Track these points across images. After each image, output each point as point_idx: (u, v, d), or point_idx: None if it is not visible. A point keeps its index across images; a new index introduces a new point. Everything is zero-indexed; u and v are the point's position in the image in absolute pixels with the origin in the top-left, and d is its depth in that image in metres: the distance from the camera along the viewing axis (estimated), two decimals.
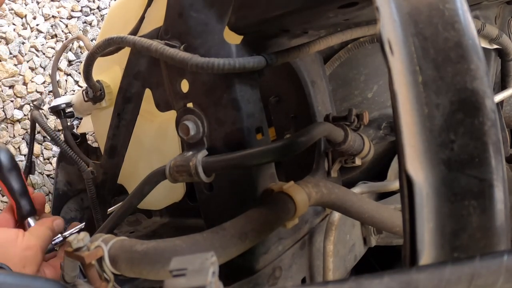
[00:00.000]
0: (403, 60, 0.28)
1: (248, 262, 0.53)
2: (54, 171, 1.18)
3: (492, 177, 0.26)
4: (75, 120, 1.18)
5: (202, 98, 0.53)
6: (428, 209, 0.26)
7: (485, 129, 0.27)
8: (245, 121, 0.51)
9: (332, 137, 0.56)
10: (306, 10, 0.44)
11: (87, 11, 1.39)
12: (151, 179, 0.56)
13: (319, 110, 0.67)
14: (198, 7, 0.51)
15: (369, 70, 0.79)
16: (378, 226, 0.58)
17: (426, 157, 0.27)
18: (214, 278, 0.25)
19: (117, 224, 0.60)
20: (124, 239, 0.44)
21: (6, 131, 1.21)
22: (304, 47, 0.53)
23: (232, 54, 0.50)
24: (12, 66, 1.22)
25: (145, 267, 0.41)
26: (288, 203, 0.48)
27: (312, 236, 0.62)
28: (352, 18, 0.50)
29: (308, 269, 0.62)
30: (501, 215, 0.26)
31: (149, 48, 0.51)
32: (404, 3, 0.29)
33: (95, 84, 0.69)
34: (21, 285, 0.35)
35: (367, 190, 0.69)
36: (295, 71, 0.65)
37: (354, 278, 0.24)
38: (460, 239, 0.26)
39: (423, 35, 0.28)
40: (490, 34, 0.76)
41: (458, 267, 0.23)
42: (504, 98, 0.81)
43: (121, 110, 0.66)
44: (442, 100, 0.28)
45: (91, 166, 0.74)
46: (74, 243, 0.41)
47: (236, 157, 0.48)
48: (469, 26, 0.28)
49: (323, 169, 0.64)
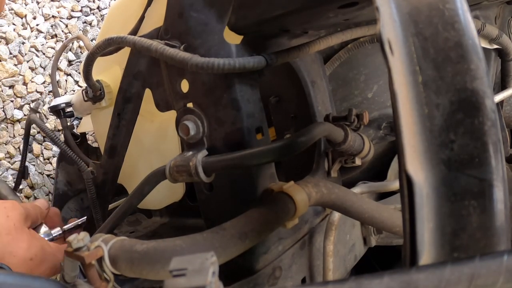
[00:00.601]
0: (403, 60, 0.28)
1: (248, 262, 0.53)
2: (54, 171, 1.18)
3: (492, 177, 0.26)
4: (75, 120, 1.18)
5: (202, 98, 0.53)
6: (428, 209, 0.26)
7: (485, 129, 0.27)
8: (245, 121, 0.51)
9: (332, 137, 0.56)
10: (306, 10, 0.44)
11: (87, 11, 1.39)
12: (151, 179, 0.56)
13: (319, 110, 0.67)
14: (198, 7, 0.51)
15: (369, 70, 0.79)
16: (378, 226, 0.58)
17: (426, 157, 0.27)
18: (214, 278, 0.25)
19: (117, 224, 0.60)
20: (124, 239, 0.44)
21: (6, 131, 1.21)
22: (304, 47, 0.53)
23: (232, 54, 0.50)
24: (12, 66, 1.22)
25: (145, 267, 0.41)
26: (288, 203, 0.48)
27: (312, 236, 0.62)
28: (352, 18, 0.50)
29: (308, 269, 0.62)
30: (501, 215, 0.26)
31: (149, 48, 0.51)
32: (404, 3, 0.29)
33: (95, 84, 0.69)
34: (21, 285, 0.35)
35: (367, 190, 0.69)
36: (295, 71, 0.65)
37: (354, 278, 0.24)
38: (460, 239, 0.26)
39: (423, 35, 0.28)
40: (490, 34, 0.76)
41: (458, 267, 0.23)
42: (504, 98, 0.81)
43: (121, 110, 0.66)
44: (442, 100, 0.28)
45: (91, 166, 0.74)
46: (74, 243, 0.41)
47: (236, 157, 0.48)
48: (469, 26, 0.28)
49: (323, 169, 0.64)
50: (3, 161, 1.20)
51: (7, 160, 1.21)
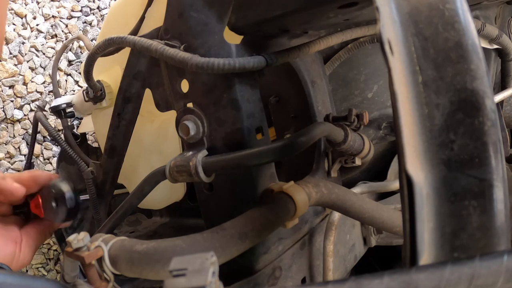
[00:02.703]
0: (403, 60, 0.28)
1: (248, 262, 0.53)
2: (54, 171, 1.18)
3: (492, 177, 0.26)
4: (75, 120, 1.18)
5: (202, 98, 0.53)
6: (428, 209, 0.26)
7: (485, 129, 0.27)
8: (245, 121, 0.51)
9: (332, 137, 0.56)
10: (306, 10, 0.44)
11: (87, 11, 1.39)
12: (151, 179, 0.56)
13: (319, 110, 0.67)
14: (198, 7, 0.51)
15: (369, 70, 0.79)
16: (378, 226, 0.58)
17: (426, 157, 0.27)
18: (214, 278, 0.25)
19: (117, 224, 0.60)
20: (124, 239, 0.44)
21: (6, 131, 1.21)
22: (304, 47, 0.53)
23: (232, 54, 0.50)
24: (12, 66, 1.22)
25: (145, 267, 0.41)
26: (288, 203, 0.48)
27: (312, 236, 0.62)
28: (352, 18, 0.50)
29: (308, 269, 0.62)
30: (501, 215, 0.26)
31: (149, 48, 0.51)
32: (404, 3, 0.29)
33: (95, 84, 0.69)
34: (21, 285, 0.35)
35: (367, 190, 0.69)
36: (295, 71, 0.65)
37: (354, 278, 0.24)
38: (460, 239, 0.26)
39: (423, 35, 0.28)
40: (490, 34, 0.76)
41: (458, 267, 0.23)
42: (504, 98, 0.81)
43: (121, 110, 0.66)
44: (442, 100, 0.28)
45: (91, 166, 0.74)
46: (74, 243, 0.41)
47: (236, 157, 0.48)
48: (469, 26, 0.28)
49: (323, 169, 0.64)
50: (3, 161, 1.20)
51: (7, 160, 1.21)
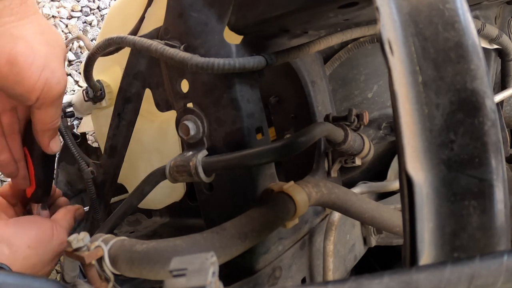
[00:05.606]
0: (403, 60, 0.28)
1: (248, 262, 0.53)
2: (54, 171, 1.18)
3: (492, 177, 0.26)
4: (75, 120, 1.18)
5: (202, 98, 0.53)
6: (428, 209, 0.26)
7: (485, 129, 0.27)
8: (245, 121, 0.51)
9: (332, 137, 0.56)
10: (306, 10, 0.44)
11: (87, 11, 1.39)
12: (151, 179, 0.56)
13: (319, 110, 0.67)
14: (198, 7, 0.51)
15: (369, 70, 0.79)
16: (378, 226, 0.58)
17: (426, 157, 0.27)
18: (214, 278, 0.25)
19: (117, 224, 0.60)
20: (124, 239, 0.44)
21: None
22: (304, 47, 0.53)
23: (232, 54, 0.50)
24: None
25: (145, 267, 0.41)
26: (288, 203, 0.48)
27: (312, 236, 0.62)
28: (352, 18, 0.50)
29: (308, 269, 0.62)
30: (501, 215, 0.26)
31: (149, 48, 0.51)
32: (404, 3, 0.29)
33: (95, 84, 0.69)
34: (21, 285, 0.35)
35: (367, 190, 0.69)
36: (295, 71, 0.65)
37: (354, 278, 0.24)
38: (460, 239, 0.26)
39: (423, 35, 0.28)
40: (490, 34, 0.76)
41: (458, 267, 0.23)
42: (504, 98, 0.81)
43: (121, 110, 0.66)
44: (442, 100, 0.28)
45: (91, 166, 0.75)
46: (74, 243, 0.41)
47: (236, 157, 0.48)
48: (469, 26, 0.28)
49: (323, 169, 0.64)
50: None
51: None
